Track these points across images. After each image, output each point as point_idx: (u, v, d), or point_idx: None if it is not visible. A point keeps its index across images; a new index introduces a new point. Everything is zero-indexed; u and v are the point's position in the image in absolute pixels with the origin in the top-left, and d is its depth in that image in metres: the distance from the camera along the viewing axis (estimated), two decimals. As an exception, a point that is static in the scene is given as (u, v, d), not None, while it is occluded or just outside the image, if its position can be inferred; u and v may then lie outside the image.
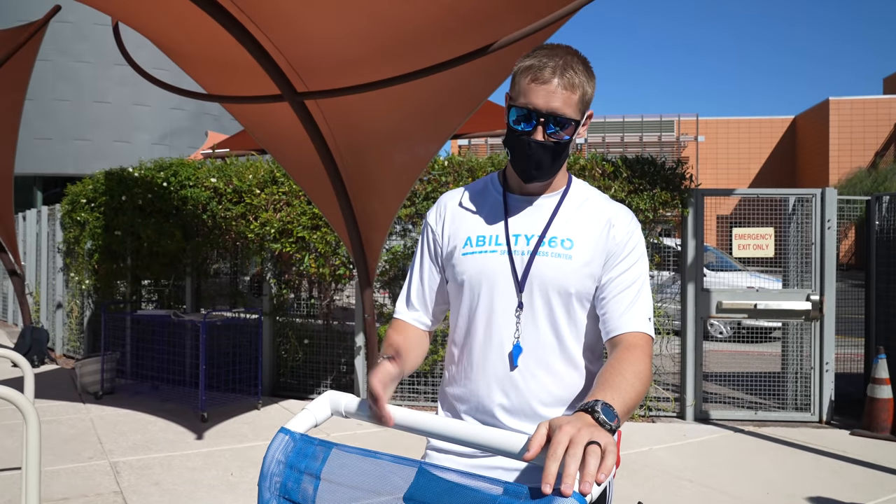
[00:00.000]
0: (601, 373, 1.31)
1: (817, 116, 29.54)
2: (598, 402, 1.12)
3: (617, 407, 1.14)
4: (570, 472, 0.93)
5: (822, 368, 5.74)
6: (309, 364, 6.48)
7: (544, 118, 1.39)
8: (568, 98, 1.39)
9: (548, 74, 1.39)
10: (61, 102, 19.48)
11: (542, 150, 1.42)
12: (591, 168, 5.82)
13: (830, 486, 4.23)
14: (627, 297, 1.43)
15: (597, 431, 1.00)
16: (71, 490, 4.02)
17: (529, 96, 1.40)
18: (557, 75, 1.39)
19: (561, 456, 0.96)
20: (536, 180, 1.47)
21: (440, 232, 1.59)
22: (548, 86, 1.38)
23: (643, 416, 5.84)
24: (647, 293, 1.46)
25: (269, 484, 1.14)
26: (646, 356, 1.36)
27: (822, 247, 5.75)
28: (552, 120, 1.39)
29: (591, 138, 29.62)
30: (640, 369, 1.31)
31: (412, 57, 3.63)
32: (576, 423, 1.02)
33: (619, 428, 1.14)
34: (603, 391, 1.20)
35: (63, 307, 8.83)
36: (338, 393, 1.26)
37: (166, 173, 6.93)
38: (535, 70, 1.40)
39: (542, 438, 1.02)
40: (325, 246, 6.15)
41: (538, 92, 1.39)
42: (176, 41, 4.36)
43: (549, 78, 1.39)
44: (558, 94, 1.39)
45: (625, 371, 1.28)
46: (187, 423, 5.51)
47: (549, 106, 1.39)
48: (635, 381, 1.27)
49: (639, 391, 1.27)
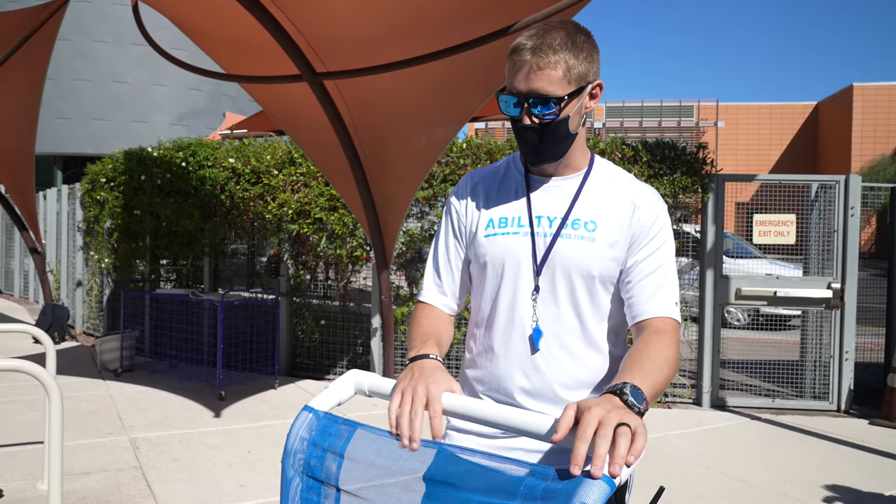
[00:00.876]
0: (628, 356, 1.29)
1: (841, 102, 29.02)
2: (626, 384, 1.11)
3: (645, 390, 1.13)
4: (601, 454, 0.92)
5: (842, 357, 5.69)
6: (325, 345, 6.52)
7: (527, 101, 1.37)
8: (548, 76, 1.35)
9: (525, 56, 1.36)
10: (81, 82, 19.58)
11: (533, 134, 1.39)
12: (611, 152, 5.77)
13: (848, 475, 4.20)
14: (654, 280, 1.41)
15: (626, 414, 0.99)
16: (92, 464, 4.09)
17: (511, 80, 1.39)
18: (533, 55, 1.35)
19: (590, 437, 0.95)
20: (540, 163, 1.45)
21: (464, 211, 1.57)
22: (525, 68, 1.36)
23: (660, 402, 5.83)
24: (673, 277, 1.44)
25: (293, 461, 1.14)
26: (673, 341, 1.35)
27: (844, 234, 5.67)
28: (535, 101, 1.36)
29: (610, 123, 29.36)
30: (668, 354, 1.30)
31: (432, 38, 3.60)
32: (605, 405, 1.01)
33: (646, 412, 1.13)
34: (631, 374, 1.19)
35: (83, 285, 8.94)
36: (361, 372, 1.26)
37: (185, 153, 6.96)
38: (514, 55, 1.38)
39: (571, 420, 1.01)
40: (342, 227, 6.16)
41: (518, 76, 1.37)
42: (195, 21, 4.35)
43: (526, 60, 1.36)
44: (536, 75, 1.35)
45: (653, 355, 1.27)
46: (205, 401, 5.57)
47: (529, 87, 1.36)
48: (663, 366, 1.25)
49: (666, 376, 1.25)
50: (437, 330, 1.49)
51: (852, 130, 27.88)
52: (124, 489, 3.74)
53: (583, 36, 1.39)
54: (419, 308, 1.58)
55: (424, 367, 1.27)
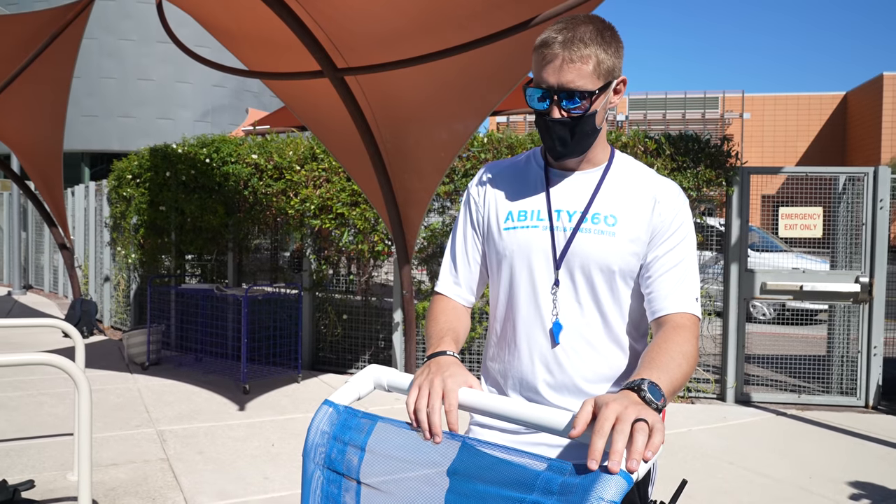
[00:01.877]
0: (647, 351, 1.29)
1: (870, 92, 28.42)
2: (644, 380, 1.11)
3: (663, 386, 1.13)
4: (618, 450, 0.92)
5: (870, 352, 5.59)
6: (347, 339, 6.57)
7: (557, 95, 1.37)
8: (579, 70, 1.35)
9: (556, 50, 1.36)
10: (107, 80, 19.88)
11: (562, 127, 1.39)
12: (634, 145, 5.72)
13: (876, 472, 4.13)
14: (674, 276, 1.40)
15: (643, 409, 0.99)
16: (120, 456, 4.17)
17: (540, 73, 1.39)
18: (564, 49, 1.35)
19: (608, 432, 0.95)
20: (566, 157, 1.44)
21: (482, 203, 1.57)
22: (555, 61, 1.36)
23: (682, 397, 5.78)
24: (694, 272, 1.43)
25: (314, 455, 1.15)
26: (693, 337, 1.34)
27: (873, 227, 5.57)
28: (565, 95, 1.36)
29: (633, 115, 29.05)
30: (687, 350, 1.29)
31: (452, 32, 3.59)
32: (622, 401, 1.01)
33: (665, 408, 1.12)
34: (649, 370, 1.19)
35: (110, 280, 9.09)
36: (380, 367, 1.27)
37: (209, 150, 7.04)
38: (543, 48, 1.38)
39: (588, 416, 1.01)
40: (364, 222, 6.19)
41: (547, 69, 1.37)
42: (218, 18, 4.39)
43: (557, 53, 1.36)
44: (567, 68, 1.35)
45: (672, 351, 1.26)
46: (230, 395, 5.65)
47: (559, 81, 1.36)
48: (682, 362, 1.25)
49: (685, 372, 1.25)
50: (454, 324, 1.50)
51: (882, 121, 27.30)
52: (151, 481, 3.81)
53: (609, 31, 1.39)
54: (436, 300, 1.60)
55: (441, 362, 1.28)
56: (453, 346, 1.40)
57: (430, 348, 1.40)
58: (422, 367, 1.29)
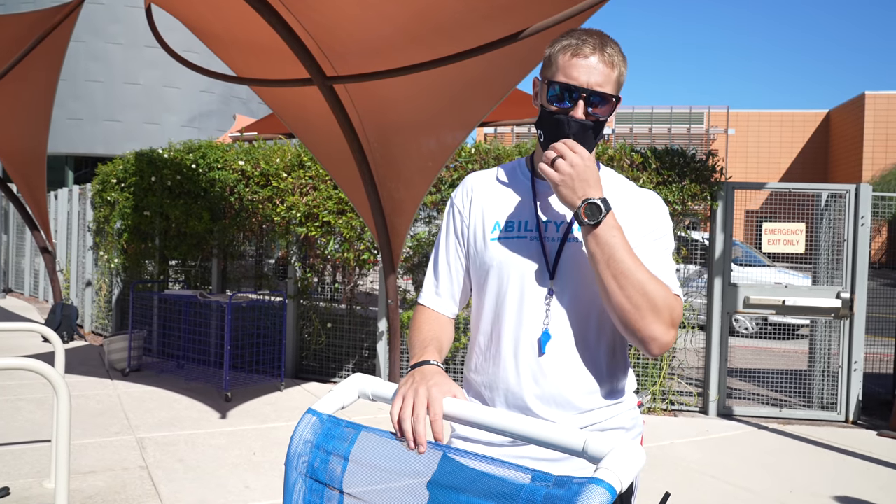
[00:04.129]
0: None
1: (852, 110, 28.86)
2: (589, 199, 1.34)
3: (616, 233, 1.31)
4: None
5: (851, 367, 5.65)
6: (331, 347, 6.53)
7: (585, 94, 1.37)
8: (608, 75, 1.38)
9: (588, 50, 1.37)
10: (93, 83, 19.73)
11: (580, 129, 1.40)
12: (620, 158, 5.76)
13: (856, 487, 4.17)
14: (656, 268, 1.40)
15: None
16: (98, 463, 4.11)
17: (569, 72, 1.38)
18: (598, 52, 1.38)
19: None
20: None
21: (467, 213, 1.56)
22: (588, 61, 1.37)
23: (665, 410, 5.80)
24: (672, 268, 1.46)
25: (297, 464, 1.14)
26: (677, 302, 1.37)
27: (854, 244, 5.64)
28: (592, 96, 1.38)
29: (619, 129, 29.28)
30: (662, 285, 1.35)
31: (442, 43, 3.61)
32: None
33: (600, 225, 1.32)
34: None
35: (92, 285, 8.99)
36: (365, 376, 1.26)
37: (195, 155, 7.00)
38: (574, 47, 1.38)
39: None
40: (350, 231, 6.18)
41: (579, 68, 1.37)
42: (207, 24, 4.38)
43: (590, 54, 1.37)
44: (598, 70, 1.37)
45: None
46: (211, 402, 5.59)
47: (589, 81, 1.37)
48: (650, 276, 1.34)
49: (646, 278, 1.34)
50: (438, 335, 1.50)
51: (864, 139, 27.72)
52: (130, 489, 3.76)
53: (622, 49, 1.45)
54: (419, 311, 1.59)
55: (425, 372, 1.28)
56: (437, 355, 1.39)
57: (414, 358, 1.39)
58: (406, 377, 1.28)
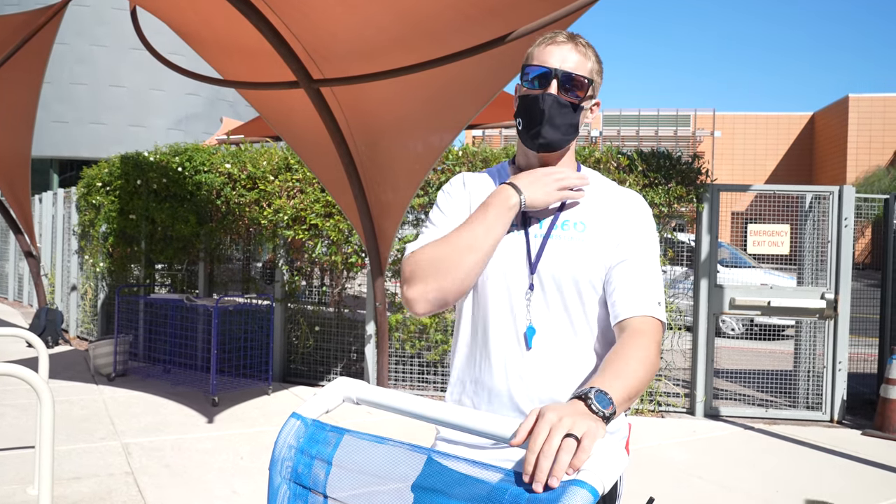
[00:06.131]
0: (606, 358, 1.28)
1: (836, 113, 29.16)
2: (592, 388, 1.10)
3: (615, 394, 1.12)
4: (542, 468, 0.92)
5: (835, 367, 5.70)
6: (319, 351, 6.51)
7: (559, 75, 1.44)
8: (581, 63, 1.46)
9: (561, 39, 1.47)
10: (78, 86, 19.59)
11: (556, 107, 1.44)
12: (607, 161, 5.79)
13: (841, 486, 4.20)
14: (636, 281, 1.41)
15: (579, 421, 0.97)
16: (83, 469, 4.07)
17: (544, 57, 1.46)
18: (571, 42, 1.47)
19: (538, 447, 0.95)
20: (549, 147, 1.46)
21: (457, 205, 1.57)
22: (562, 48, 1.46)
23: (652, 411, 5.83)
24: (657, 278, 1.44)
25: (281, 468, 1.14)
26: (652, 342, 1.33)
27: (838, 245, 5.70)
28: (568, 78, 1.44)
29: (606, 132, 29.44)
30: (645, 355, 1.28)
31: (429, 45, 3.61)
32: (561, 412, 1.00)
33: (616, 415, 1.10)
34: (602, 377, 1.18)
35: (77, 289, 8.92)
36: (350, 380, 1.26)
37: (181, 158, 6.96)
38: (548, 39, 1.48)
39: (530, 425, 1.00)
40: (337, 234, 6.16)
41: (553, 52, 1.45)
42: (193, 26, 4.36)
43: (563, 42, 1.46)
44: (572, 56, 1.45)
45: (629, 356, 1.26)
46: (198, 407, 5.56)
47: (563, 65, 1.44)
48: (638, 368, 1.24)
49: (641, 378, 1.23)
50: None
51: (848, 141, 28.01)
52: (115, 495, 3.72)
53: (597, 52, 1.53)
54: (409, 256, 1.52)
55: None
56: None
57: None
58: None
